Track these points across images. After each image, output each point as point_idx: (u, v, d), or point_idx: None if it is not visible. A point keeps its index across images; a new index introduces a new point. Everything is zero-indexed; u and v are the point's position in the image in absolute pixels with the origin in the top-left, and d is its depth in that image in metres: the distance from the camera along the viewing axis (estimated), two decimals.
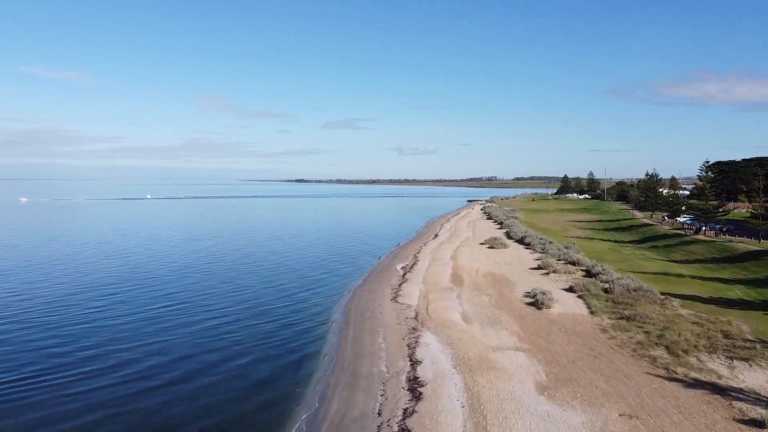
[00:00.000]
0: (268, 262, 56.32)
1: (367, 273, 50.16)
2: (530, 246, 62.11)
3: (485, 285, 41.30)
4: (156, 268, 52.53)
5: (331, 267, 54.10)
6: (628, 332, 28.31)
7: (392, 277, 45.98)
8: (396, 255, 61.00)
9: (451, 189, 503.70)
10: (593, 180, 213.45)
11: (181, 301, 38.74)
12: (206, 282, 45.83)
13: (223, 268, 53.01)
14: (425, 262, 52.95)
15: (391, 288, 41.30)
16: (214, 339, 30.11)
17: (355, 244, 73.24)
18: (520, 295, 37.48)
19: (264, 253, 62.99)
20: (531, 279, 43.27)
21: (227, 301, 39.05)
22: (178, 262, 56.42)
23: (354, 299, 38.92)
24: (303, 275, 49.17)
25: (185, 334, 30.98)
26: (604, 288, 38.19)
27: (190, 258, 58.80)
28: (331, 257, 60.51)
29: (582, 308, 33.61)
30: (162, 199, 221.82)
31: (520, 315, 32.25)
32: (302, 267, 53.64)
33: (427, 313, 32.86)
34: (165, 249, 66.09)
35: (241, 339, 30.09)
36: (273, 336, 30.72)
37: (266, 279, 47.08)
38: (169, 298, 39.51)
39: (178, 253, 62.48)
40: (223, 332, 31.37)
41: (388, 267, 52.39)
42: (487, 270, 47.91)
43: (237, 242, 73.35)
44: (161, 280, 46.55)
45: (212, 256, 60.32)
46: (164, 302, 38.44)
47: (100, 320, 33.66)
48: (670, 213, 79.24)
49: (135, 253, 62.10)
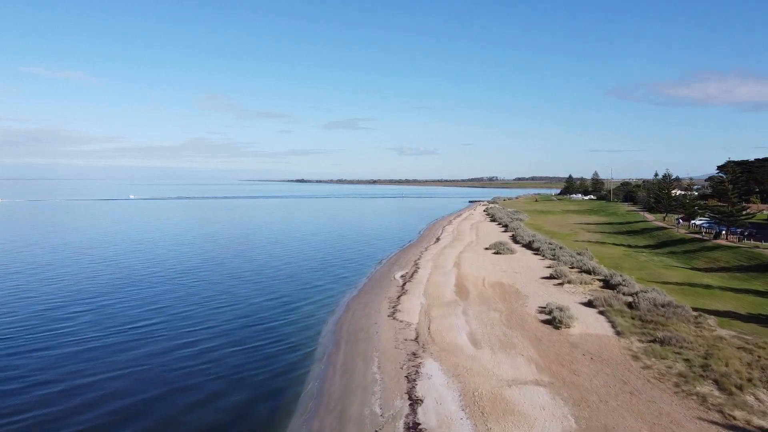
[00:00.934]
0: (254, 270, 52.17)
1: (363, 282, 46.04)
2: (539, 251, 57.96)
3: (493, 298, 37.16)
4: (99, 282, 45.04)
5: (326, 275, 49.98)
6: (665, 360, 24.17)
7: (390, 288, 41.85)
8: (395, 261, 56.88)
9: (452, 189, 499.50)
10: (598, 180, 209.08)
11: (147, 325, 34.57)
12: (183, 296, 41.68)
13: (201, 279, 48.87)
14: (426, 270, 48.83)
15: (389, 301, 37.17)
16: (182, 367, 25.99)
17: (352, 248, 69.13)
18: (534, 311, 33.34)
19: (251, 260, 58.84)
20: (544, 290, 39.12)
21: (205, 318, 34.92)
22: (139, 273, 49.38)
23: (347, 315, 34.79)
24: (293, 284, 45.04)
25: (144, 363, 26.83)
26: (627, 302, 34.04)
27: (160, 269, 54.51)
28: (326, 263, 56.38)
29: (606, 328, 29.46)
30: (146, 199, 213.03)
31: (536, 336, 28.11)
32: (293, 275, 49.50)
33: (430, 334, 28.73)
34: (115, 258, 59.56)
35: (213, 367, 25.98)
36: (252, 362, 26.60)
37: (252, 290, 42.90)
38: (126, 323, 35.11)
39: (137, 264, 55.01)
40: (195, 357, 27.25)
41: (386, 275, 48.26)
42: (495, 279, 43.78)
43: (219, 249, 68.97)
44: (106, 297, 39.85)
45: (190, 266, 56.13)
46: (117, 328, 34.31)
47: (52, 346, 29.54)
48: (685, 215, 75.02)
49: (64, 265, 53.10)
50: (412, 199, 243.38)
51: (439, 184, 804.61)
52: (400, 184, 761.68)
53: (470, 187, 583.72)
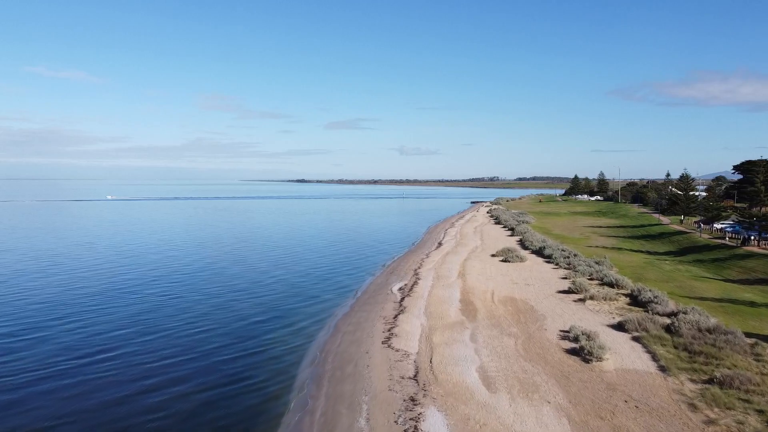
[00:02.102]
0: (235, 283, 46.99)
1: (356, 296, 40.87)
2: (552, 259, 52.72)
3: (506, 318, 31.96)
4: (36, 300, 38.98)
5: (317, 286, 44.81)
6: (732, 411, 18.97)
7: (386, 304, 36.67)
8: (393, 270, 51.70)
9: (453, 189, 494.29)
10: (603, 180, 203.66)
11: (93, 354, 29.39)
12: (152, 317, 36.50)
13: (179, 293, 43.70)
14: (428, 281, 43.66)
15: (384, 321, 31.99)
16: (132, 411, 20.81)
17: (348, 254, 63.95)
18: (555, 336, 28.15)
19: (234, 270, 53.64)
20: (563, 308, 33.92)
21: (173, 343, 29.75)
22: (94, 288, 43.30)
23: (334, 339, 29.60)
24: (277, 299, 39.87)
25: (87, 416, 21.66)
26: (665, 325, 28.83)
27: (121, 282, 49.30)
28: (318, 272, 51.19)
29: (646, 361, 24.25)
30: (125, 200, 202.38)
31: (563, 373, 22.91)
32: (279, 287, 44.31)
33: (432, 370, 23.54)
34: (52, 270, 52.34)
35: (168, 408, 20.79)
36: (210, 408, 21.42)
37: (228, 308, 37.66)
38: (65, 351, 29.92)
39: (86, 278, 48.60)
40: (153, 397, 22.08)
41: (382, 287, 43.08)
42: (505, 293, 38.59)
43: (198, 257, 63.89)
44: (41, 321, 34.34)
45: (144, 278, 50.98)
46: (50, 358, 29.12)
47: None
48: (706, 219, 69.75)
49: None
50: (413, 200, 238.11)
51: (441, 184, 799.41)
52: (401, 185, 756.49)
53: (471, 188, 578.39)
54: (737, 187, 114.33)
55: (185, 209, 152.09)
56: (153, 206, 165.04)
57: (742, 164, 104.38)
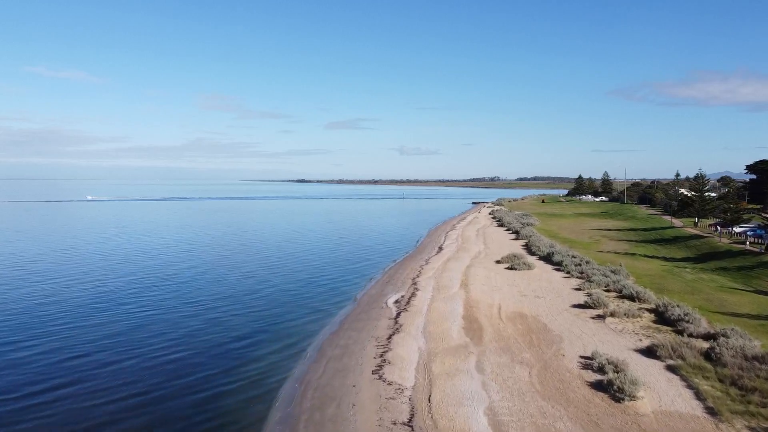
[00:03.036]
0: (213, 296, 42.91)
1: (347, 312, 36.74)
2: (562, 266, 48.61)
3: (516, 339, 27.85)
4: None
5: (304, 298, 40.71)
6: None
7: (380, 321, 32.56)
8: (390, 278, 47.61)
9: (453, 190, 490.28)
10: (607, 181, 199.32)
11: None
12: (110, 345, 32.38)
13: (148, 310, 39.63)
14: (427, 293, 39.57)
15: (377, 343, 27.90)
16: None
17: (343, 260, 59.88)
18: (576, 364, 24.04)
19: (214, 280, 49.57)
20: (581, 327, 29.81)
21: (116, 383, 25.69)
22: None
23: (317, 368, 25.48)
24: (260, 315, 35.76)
25: None
26: (703, 351, 24.71)
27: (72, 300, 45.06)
28: (307, 283, 47.08)
29: (689, 400, 20.13)
30: (106, 201, 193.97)
31: (590, 417, 18.80)
32: (263, 300, 40.20)
33: (430, 412, 19.43)
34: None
35: None
36: None
37: (200, 329, 33.56)
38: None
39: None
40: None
41: (377, 300, 38.99)
42: (514, 308, 34.49)
43: (174, 265, 59.80)
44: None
45: (132, 287, 46.90)
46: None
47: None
48: (723, 222, 65.55)
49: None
50: (413, 201, 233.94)
51: (441, 184, 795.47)
52: (401, 185, 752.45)
53: (472, 188, 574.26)
54: (749, 187, 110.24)
55: (175, 211, 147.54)
56: (137, 208, 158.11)
57: (755, 164, 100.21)
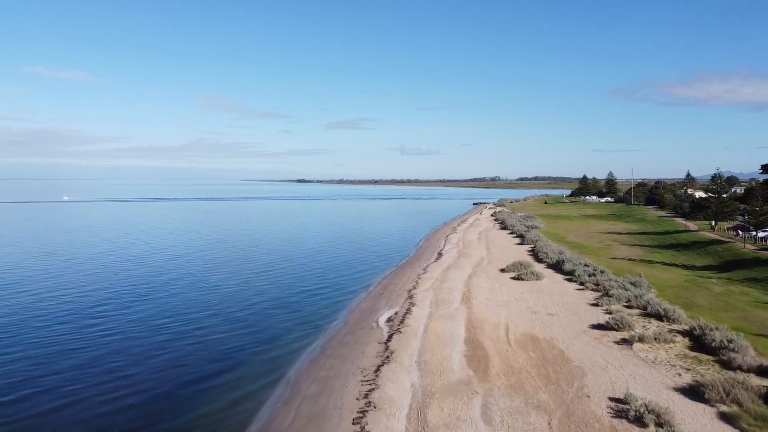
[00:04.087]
0: (185, 311, 38.33)
1: (332, 332, 32.14)
2: (574, 276, 43.96)
3: (529, 373, 23.21)
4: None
5: (287, 315, 36.12)
6: None
7: (368, 346, 27.94)
8: (383, 290, 43.02)
9: (454, 190, 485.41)
10: (612, 181, 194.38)
11: None
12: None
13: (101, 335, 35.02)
14: (424, 309, 34.94)
15: (362, 377, 23.27)
16: None
17: (334, 267, 55.29)
18: (605, 409, 19.40)
19: (189, 290, 44.98)
20: (605, 356, 25.16)
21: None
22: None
23: (286, 413, 20.84)
24: (234, 336, 31.15)
25: None
26: (762, 392, 20.07)
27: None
28: (292, 295, 42.49)
29: None
30: (86, 201, 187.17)
31: None
32: (240, 318, 35.55)
33: None
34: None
35: None
36: None
37: (155, 358, 28.93)
38: None
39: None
40: None
41: (367, 317, 34.36)
42: (524, 329, 29.86)
43: (138, 276, 54.94)
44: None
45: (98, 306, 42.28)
46: None
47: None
48: (744, 225, 60.85)
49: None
50: (413, 201, 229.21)
51: (442, 184, 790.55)
52: (401, 185, 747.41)
53: (473, 188, 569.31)
54: (762, 188, 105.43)
55: (158, 212, 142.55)
56: (115, 209, 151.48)
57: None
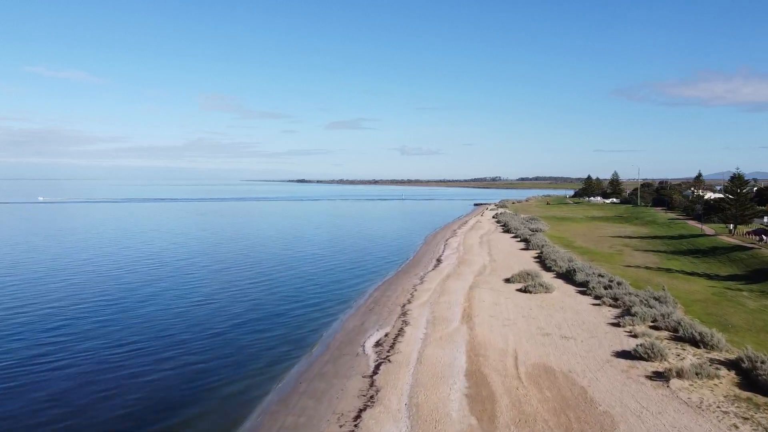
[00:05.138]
0: (136, 337, 33.77)
1: (310, 360, 27.54)
2: (588, 288, 39.35)
3: (546, 422, 18.63)
4: None
5: (260, 337, 31.53)
6: None
7: (350, 382, 23.35)
8: (375, 303, 38.45)
9: (454, 190, 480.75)
10: (616, 181, 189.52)
11: None
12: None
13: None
14: (418, 329, 30.38)
15: (337, 426, 18.69)
16: None
17: (325, 274, 50.76)
18: None
19: (142, 311, 40.41)
20: (638, 397, 20.55)
21: None
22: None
23: None
24: (190, 373, 26.54)
25: None
26: None
27: None
28: (269, 312, 37.88)
29: None
30: (62, 203, 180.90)
31: None
32: (204, 345, 30.91)
33: None
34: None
35: None
36: None
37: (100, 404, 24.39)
38: None
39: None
40: None
41: (352, 341, 29.77)
42: (536, 357, 25.27)
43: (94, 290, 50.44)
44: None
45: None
46: None
47: None
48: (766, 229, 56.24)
49: None
50: (413, 202, 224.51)
51: (442, 184, 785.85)
52: (402, 185, 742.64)
53: (473, 188, 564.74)
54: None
55: (144, 214, 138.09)
56: (96, 210, 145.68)
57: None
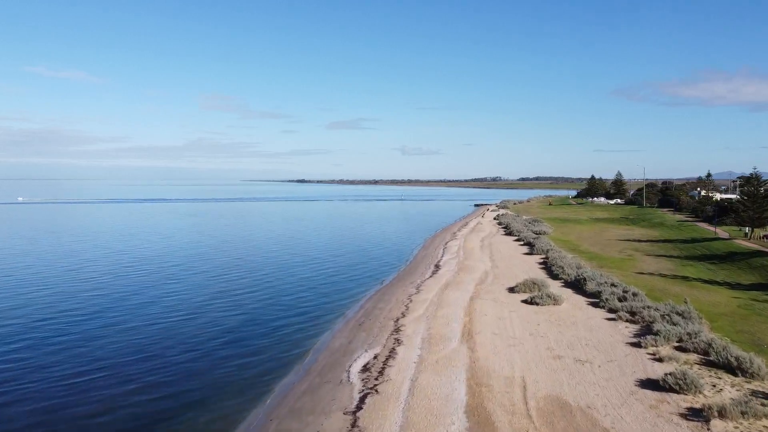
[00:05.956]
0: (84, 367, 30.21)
1: (284, 389, 23.94)
2: (601, 300, 35.71)
3: None
4: None
5: (229, 363, 27.93)
6: None
7: (329, 419, 19.78)
8: (365, 317, 34.89)
9: (455, 190, 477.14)
10: (620, 181, 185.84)
11: None
12: None
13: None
14: (412, 350, 26.81)
15: None
16: None
17: (314, 282, 47.22)
18: None
19: (100, 334, 36.89)
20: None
21: None
22: None
23: None
24: (135, 411, 23.01)
25: None
26: None
27: None
28: (248, 328, 34.32)
29: None
30: (42, 203, 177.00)
31: None
32: (165, 377, 27.38)
33: None
34: None
35: None
36: None
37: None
38: None
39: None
40: None
41: (336, 363, 26.20)
42: (547, 388, 21.68)
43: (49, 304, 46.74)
44: None
45: None
46: None
47: None
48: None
49: None
50: (413, 202, 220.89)
51: (442, 184, 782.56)
52: (402, 185, 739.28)
53: (474, 188, 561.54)
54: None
55: (125, 217, 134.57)
56: (77, 212, 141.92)
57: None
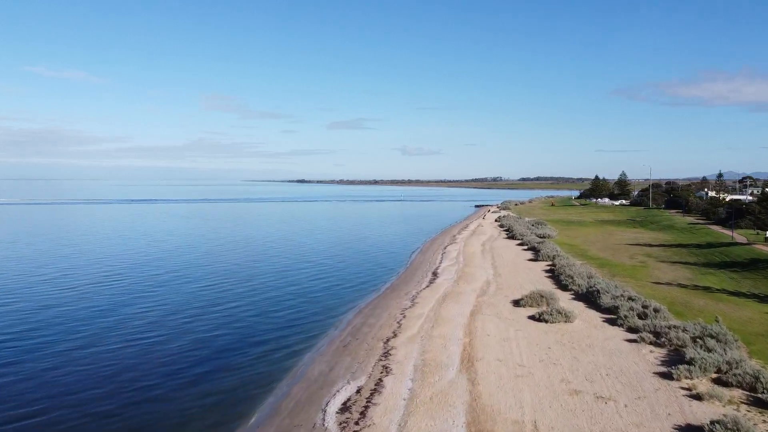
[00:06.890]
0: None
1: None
2: (618, 316, 31.60)
3: None
4: None
5: (187, 400, 23.90)
6: None
7: None
8: (351, 337, 30.83)
9: (455, 190, 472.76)
10: (624, 181, 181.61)
11: None
12: None
13: None
14: (402, 383, 22.74)
15: None
16: None
17: (298, 297, 43.16)
18: None
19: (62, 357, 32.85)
20: None
21: None
22: None
23: None
24: None
25: None
26: None
27: None
28: (218, 353, 30.30)
29: None
30: (17, 204, 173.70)
31: None
32: (120, 416, 23.38)
33: None
34: None
35: None
36: None
37: None
38: None
39: None
40: None
41: (310, 400, 22.15)
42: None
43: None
44: None
45: None
46: None
47: None
48: None
49: None
50: (412, 203, 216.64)
51: (443, 184, 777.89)
52: (403, 185, 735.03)
53: (474, 188, 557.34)
54: None
55: (105, 219, 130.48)
56: (56, 213, 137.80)
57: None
